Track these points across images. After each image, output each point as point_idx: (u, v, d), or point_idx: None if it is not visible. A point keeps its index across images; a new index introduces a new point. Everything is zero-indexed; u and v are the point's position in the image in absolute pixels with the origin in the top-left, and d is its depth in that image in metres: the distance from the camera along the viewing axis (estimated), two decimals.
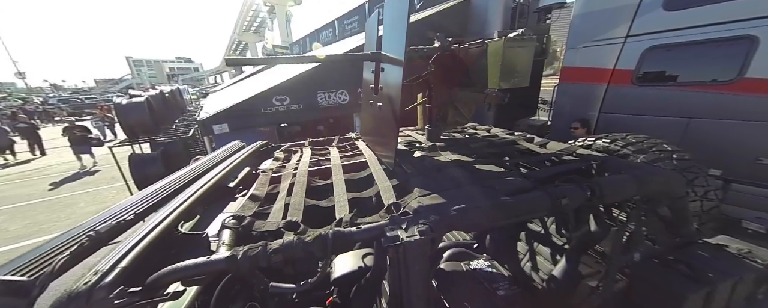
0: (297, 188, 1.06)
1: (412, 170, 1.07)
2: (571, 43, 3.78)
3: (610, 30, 3.34)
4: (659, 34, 3.01)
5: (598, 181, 0.87)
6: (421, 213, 0.74)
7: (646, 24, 3.08)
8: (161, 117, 3.39)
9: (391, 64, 1.01)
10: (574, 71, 3.83)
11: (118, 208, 0.83)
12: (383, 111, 1.13)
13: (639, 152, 1.67)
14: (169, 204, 0.82)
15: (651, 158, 1.60)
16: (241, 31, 28.37)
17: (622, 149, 1.72)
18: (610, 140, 1.83)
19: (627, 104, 3.36)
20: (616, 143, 1.78)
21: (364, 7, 8.27)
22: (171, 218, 0.72)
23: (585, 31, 3.58)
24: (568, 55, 3.86)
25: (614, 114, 3.48)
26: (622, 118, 3.40)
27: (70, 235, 0.69)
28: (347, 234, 0.70)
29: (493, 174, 0.97)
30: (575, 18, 3.66)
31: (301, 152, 1.67)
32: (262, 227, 0.80)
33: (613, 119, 3.49)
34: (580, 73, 3.76)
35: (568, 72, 3.91)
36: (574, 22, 3.70)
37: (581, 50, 3.67)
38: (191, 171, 1.18)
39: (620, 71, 3.36)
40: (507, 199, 0.78)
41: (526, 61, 0.98)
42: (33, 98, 28.61)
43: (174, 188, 0.98)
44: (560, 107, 4.13)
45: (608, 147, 1.80)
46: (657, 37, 3.02)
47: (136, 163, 2.49)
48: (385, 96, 1.10)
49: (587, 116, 3.65)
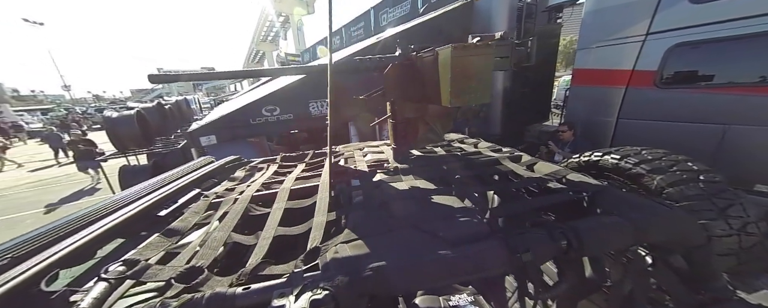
0: (228, 218, 0.92)
1: (357, 201, 0.90)
2: (583, 42, 3.45)
3: (628, 27, 3.00)
4: (686, 30, 2.64)
5: (577, 227, 0.65)
6: (330, 271, 0.58)
7: (670, 19, 2.72)
8: (157, 129, 3.48)
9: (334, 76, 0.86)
10: (588, 73, 3.49)
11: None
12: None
13: (655, 172, 1.39)
14: (54, 248, 0.71)
15: (671, 180, 1.32)
16: (258, 41, 29.66)
17: (635, 167, 1.45)
18: (621, 156, 1.55)
19: (649, 109, 2.98)
20: (628, 160, 1.50)
21: (369, 13, 8.26)
22: (27, 275, 0.61)
23: (598, 29, 3.25)
24: (579, 56, 3.53)
25: (634, 120, 3.10)
26: (644, 125, 3.02)
27: None
28: (228, 297, 0.55)
29: (449, 211, 0.79)
30: (587, 15, 3.34)
31: (267, 169, 1.56)
32: (154, 275, 0.66)
33: (634, 125, 3.11)
34: (594, 76, 3.41)
35: (581, 74, 3.57)
36: (586, 20, 3.38)
37: (594, 51, 3.34)
38: (125, 197, 1.09)
39: (640, 73, 3.00)
40: (444, 254, 0.60)
41: (483, 73, 0.79)
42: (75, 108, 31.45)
43: (86, 221, 0.88)
44: (573, 112, 3.77)
45: (618, 165, 1.53)
46: (683, 34, 2.66)
47: (125, 175, 2.53)
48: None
49: (601, 122, 3.29)
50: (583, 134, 3.44)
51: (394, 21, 7.30)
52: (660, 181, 1.37)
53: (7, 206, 5.85)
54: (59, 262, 0.68)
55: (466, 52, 0.75)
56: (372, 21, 8.24)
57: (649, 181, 1.39)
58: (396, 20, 7.17)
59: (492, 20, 4.34)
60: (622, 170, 1.50)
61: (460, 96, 0.77)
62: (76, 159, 5.87)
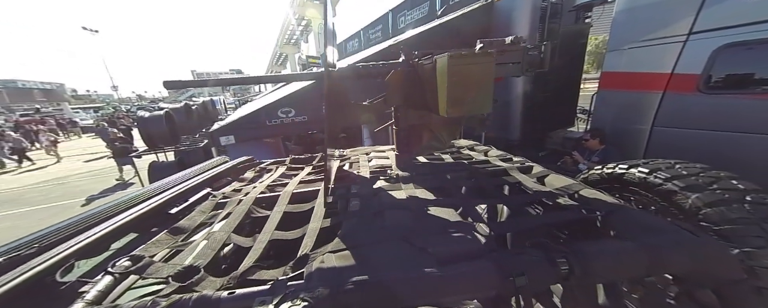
0: (231, 219, 0.95)
1: (352, 209, 0.89)
2: (614, 43, 3.20)
3: (666, 26, 2.74)
4: (738, 29, 2.35)
5: (581, 250, 0.59)
6: (313, 281, 0.57)
7: (718, 17, 2.44)
8: (184, 128, 3.75)
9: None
10: (618, 77, 3.22)
11: (24, 239, 0.80)
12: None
13: (691, 190, 1.23)
14: (72, 240, 0.77)
15: (709, 200, 1.17)
16: (281, 44, 30.95)
17: (666, 183, 1.30)
18: (650, 170, 1.39)
19: (690, 117, 2.69)
20: (658, 174, 1.35)
21: (387, 16, 8.29)
22: (46, 264, 0.66)
23: (631, 29, 3.00)
24: (609, 58, 3.27)
25: (672, 128, 2.81)
26: (684, 134, 2.72)
27: None
28: (213, 300, 0.56)
29: (443, 225, 0.75)
30: (619, 14, 3.09)
31: (275, 171, 1.60)
32: (155, 272, 0.70)
33: (671, 134, 2.82)
34: (626, 79, 3.14)
35: (610, 78, 3.31)
36: (618, 20, 3.13)
37: (627, 52, 3.08)
38: (143, 193, 1.16)
39: (681, 76, 2.72)
40: (430, 272, 0.56)
41: (483, 82, 0.75)
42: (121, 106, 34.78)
43: (105, 216, 0.95)
44: (600, 118, 3.50)
45: (646, 179, 1.38)
46: (734, 33, 2.37)
47: (153, 170, 2.75)
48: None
49: (633, 130, 3.02)
50: (610, 143, 3.18)
51: (412, 23, 7.26)
52: (696, 200, 1.22)
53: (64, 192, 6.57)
54: (75, 254, 0.73)
55: (464, 61, 0.71)
56: (390, 23, 8.27)
57: (683, 200, 1.24)
58: (414, 22, 7.13)
59: (513, 21, 4.17)
60: (651, 186, 1.36)
61: (457, 106, 0.74)
62: (114, 156, 6.34)
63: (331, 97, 0.83)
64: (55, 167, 9.21)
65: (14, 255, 0.73)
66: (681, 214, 1.27)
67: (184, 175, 1.46)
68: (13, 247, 0.74)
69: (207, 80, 1.07)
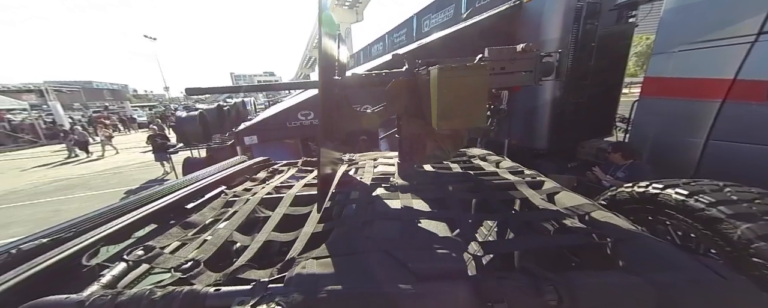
0: (235, 217, 1.01)
1: (346, 215, 0.90)
2: (661, 46, 2.86)
3: (729, 26, 2.38)
4: None
5: (574, 282, 0.53)
6: (290, 286, 0.58)
7: None
8: (215, 127, 4.11)
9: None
10: (666, 83, 2.87)
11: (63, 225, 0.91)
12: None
13: (741, 219, 1.05)
14: (99, 229, 0.88)
15: (764, 232, 0.99)
16: (311, 48, 32.41)
17: (710, 209, 1.12)
18: (691, 192, 1.21)
19: (759, 130, 2.30)
20: (701, 198, 1.16)
21: (411, 20, 8.28)
22: (77, 248, 0.76)
23: (683, 29, 2.66)
24: (655, 61, 2.93)
25: (733, 143, 2.43)
26: (748, 150, 2.33)
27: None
28: (200, 295, 0.59)
29: (430, 239, 0.72)
30: (667, 13, 2.76)
31: (285, 172, 1.67)
32: (163, 263, 0.77)
33: (731, 150, 2.43)
34: (675, 86, 2.79)
35: (655, 84, 2.96)
36: (667, 19, 2.80)
37: (677, 56, 2.73)
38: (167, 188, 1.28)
39: (746, 83, 2.35)
40: (404, 288, 0.54)
41: (476, 95, 0.70)
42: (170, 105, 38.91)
43: (132, 207, 1.06)
44: (642, 128, 3.14)
45: (685, 202, 1.21)
46: None
47: (187, 165, 3.04)
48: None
49: (682, 144, 2.65)
50: (651, 157, 2.83)
51: (437, 26, 7.17)
52: (747, 231, 1.04)
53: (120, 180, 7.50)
54: (102, 240, 0.83)
55: (455, 73, 0.68)
56: (414, 27, 8.24)
57: (730, 229, 1.07)
58: (439, 26, 7.04)
59: (544, 22, 3.93)
60: (691, 211, 1.18)
61: (447, 119, 0.71)
62: (154, 151, 6.68)
63: (327, 106, 0.84)
64: (113, 158, 10.54)
65: (57, 237, 0.84)
66: (728, 246, 1.09)
67: (205, 172, 1.59)
68: (57, 230, 0.86)
69: (225, 88, 1.19)
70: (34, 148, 13.41)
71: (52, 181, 7.72)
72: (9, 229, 4.84)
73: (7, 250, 0.75)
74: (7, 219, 5.32)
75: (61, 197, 6.21)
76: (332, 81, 0.80)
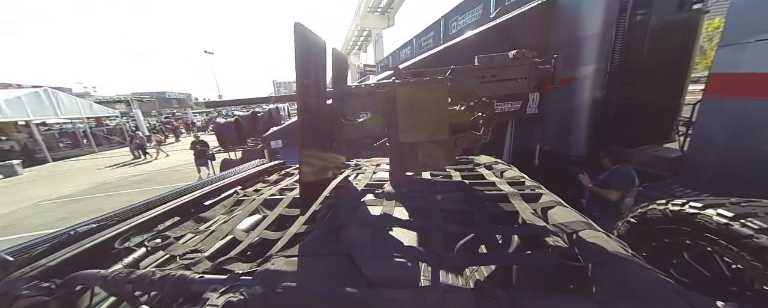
0: (239, 214, 1.13)
1: (328, 219, 0.95)
2: (732, 36, 2.40)
3: None
4: None
5: (521, 302, 0.49)
6: (256, 280, 0.64)
7: None
8: (250, 132, 4.56)
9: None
10: (738, 79, 2.39)
11: (109, 214, 1.12)
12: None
13: None
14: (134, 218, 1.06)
15: None
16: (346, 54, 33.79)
17: (759, 235, 0.93)
18: (736, 214, 1.02)
19: None
20: (749, 222, 0.96)
21: (439, 23, 8.15)
22: (113, 233, 0.93)
23: (762, 15, 2.19)
24: (723, 55, 2.47)
25: None
26: None
27: (60, 231, 0.98)
28: (188, 280, 0.69)
29: (394, 247, 0.73)
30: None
31: (295, 175, 1.79)
32: (173, 250, 0.90)
33: None
34: (751, 83, 2.30)
35: (724, 81, 2.48)
36: (739, 4, 2.34)
37: (754, 47, 2.26)
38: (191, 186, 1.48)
39: None
40: (351, 292, 0.56)
41: (435, 109, 0.68)
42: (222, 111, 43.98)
43: (161, 201, 1.25)
44: (705, 133, 2.64)
45: (728, 227, 1.02)
46: None
47: (223, 165, 3.42)
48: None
49: (762, 151, 2.16)
50: (717, 169, 2.37)
51: (464, 27, 6.96)
52: None
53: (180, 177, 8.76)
54: (134, 228, 1.00)
55: (413, 88, 0.68)
56: (442, 30, 8.09)
57: None
58: (466, 27, 6.82)
59: (581, 17, 3.56)
60: (737, 237, 0.98)
61: (408, 132, 0.71)
62: (195, 158, 7.07)
63: (307, 118, 0.91)
64: (173, 158, 12.33)
65: (102, 224, 1.04)
66: None
67: (231, 172, 1.79)
68: (106, 217, 1.06)
69: (235, 101, 1.35)
70: (122, 148, 16.25)
71: (131, 176, 9.33)
72: (94, 214, 5.97)
73: (67, 232, 0.95)
74: (97, 206, 6.55)
75: (137, 190, 7.48)
76: (309, 93, 0.86)
